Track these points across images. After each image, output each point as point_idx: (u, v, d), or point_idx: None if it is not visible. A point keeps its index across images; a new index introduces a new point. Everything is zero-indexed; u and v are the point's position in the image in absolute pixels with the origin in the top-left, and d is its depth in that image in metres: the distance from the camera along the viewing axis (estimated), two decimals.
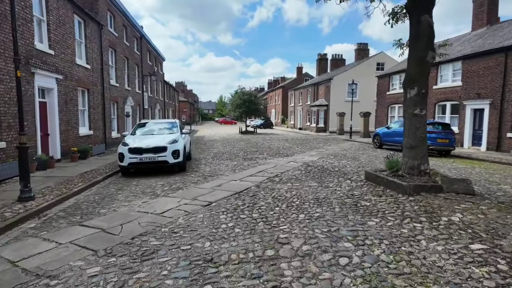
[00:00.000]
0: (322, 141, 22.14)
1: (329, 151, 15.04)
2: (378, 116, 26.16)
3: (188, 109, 79.02)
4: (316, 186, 6.99)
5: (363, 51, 39.93)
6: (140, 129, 10.66)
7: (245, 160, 11.84)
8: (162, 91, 35.53)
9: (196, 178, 8.47)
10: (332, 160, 11.66)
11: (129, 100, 20.60)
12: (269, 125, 51.43)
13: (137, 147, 8.91)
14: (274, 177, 8.16)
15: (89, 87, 14.30)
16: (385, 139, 16.81)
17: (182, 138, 10.22)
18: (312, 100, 39.31)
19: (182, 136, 10.29)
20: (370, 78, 33.84)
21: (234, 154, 14.17)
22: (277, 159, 12.15)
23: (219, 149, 16.48)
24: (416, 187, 5.68)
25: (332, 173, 8.64)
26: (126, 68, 20.88)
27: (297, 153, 14.17)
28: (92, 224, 4.78)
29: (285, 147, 17.25)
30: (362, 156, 13.22)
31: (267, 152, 14.84)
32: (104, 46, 16.28)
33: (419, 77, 6.14)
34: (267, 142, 21.46)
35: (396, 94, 23.54)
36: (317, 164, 10.42)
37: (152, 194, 6.69)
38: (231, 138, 26.21)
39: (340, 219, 4.68)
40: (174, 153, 9.15)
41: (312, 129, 37.27)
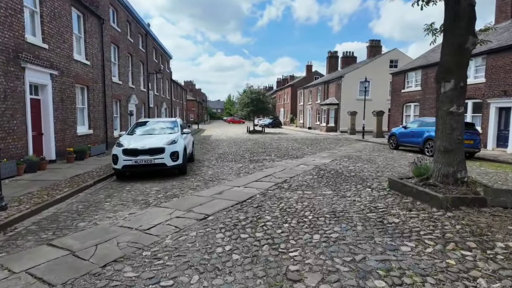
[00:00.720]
0: (333, 141, 21.09)
1: (342, 153, 14.03)
2: (392, 115, 24.93)
3: (196, 108, 78.60)
4: (331, 195, 6.05)
5: (375, 48, 38.54)
6: (138, 128, 9.88)
7: (251, 162, 10.95)
8: (169, 89, 34.94)
9: (196, 183, 7.62)
10: (347, 163, 10.67)
11: (133, 98, 19.95)
12: (277, 124, 50.44)
13: (132, 148, 8.11)
14: (282, 183, 7.25)
15: (89, 84, 13.63)
16: (402, 140, 15.69)
17: (183, 138, 9.40)
18: (322, 99, 38.17)
19: (182, 136, 9.47)
20: (383, 76, 32.56)
21: (240, 155, 13.30)
22: (286, 161, 11.23)
23: (224, 150, 15.65)
24: (454, 200, 4.69)
25: (348, 179, 7.67)
26: (130, 65, 20.24)
27: (307, 155, 13.21)
28: (62, 243, 3.96)
29: (294, 148, 16.29)
30: (378, 158, 12.17)
31: (275, 153, 13.92)
32: (106, 42, 15.61)
33: (457, 68, 5.15)
34: (275, 142, 20.53)
35: (412, 92, 22.30)
36: (330, 168, 9.45)
37: (143, 203, 5.86)
38: (238, 137, 25.37)
39: (365, 242, 3.75)
40: (172, 155, 8.33)
41: (322, 129, 36.15)
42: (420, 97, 21.36)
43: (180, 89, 46.34)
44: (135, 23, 21.04)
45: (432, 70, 20.24)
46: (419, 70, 21.74)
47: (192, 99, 70.34)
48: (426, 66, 20.90)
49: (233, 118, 76.53)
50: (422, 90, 21.13)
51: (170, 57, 35.47)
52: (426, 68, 20.91)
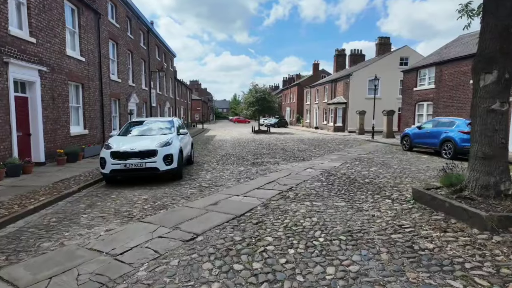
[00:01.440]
0: (341, 142, 20.12)
1: (352, 154, 13.08)
2: (403, 115, 23.83)
3: (202, 107, 78.04)
4: (345, 208, 5.16)
5: (384, 46, 37.36)
6: (130, 128, 9.10)
7: (254, 166, 10.10)
8: (172, 88, 34.30)
9: (191, 190, 6.80)
10: (359, 166, 9.74)
11: (133, 97, 19.25)
12: (283, 124, 49.50)
13: (121, 151, 7.33)
14: (287, 191, 6.38)
15: (84, 82, 12.92)
16: (416, 141, 14.67)
17: (179, 139, 8.59)
18: (329, 98, 37.12)
19: (178, 137, 8.66)
20: (393, 74, 31.42)
21: (243, 157, 12.46)
22: (292, 164, 10.35)
23: (227, 151, 14.82)
24: (502, 219, 3.76)
25: (363, 187, 6.76)
26: (131, 63, 19.55)
27: (315, 157, 12.30)
28: (11, 274, 3.17)
29: (300, 149, 15.39)
30: (392, 161, 11.21)
31: (280, 155, 13.04)
32: (103, 38, 14.91)
33: (501, 56, 4.21)
34: (280, 142, 19.64)
35: (425, 91, 21.19)
36: (341, 173, 8.54)
37: (125, 216, 5.05)
38: (242, 138, 24.54)
39: (394, 279, 2.87)
40: (166, 158, 7.52)
41: (329, 129, 35.12)
42: (434, 95, 20.25)
43: (185, 88, 45.72)
44: (135, 19, 20.35)
45: (447, 67, 19.13)
46: (432, 67, 20.62)
47: (197, 98, 69.79)
48: (440, 63, 19.79)
49: (239, 118, 75.80)
50: (436, 88, 20.02)
51: (174, 55, 34.81)
52: (440, 65, 19.80)
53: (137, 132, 8.87)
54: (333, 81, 36.81)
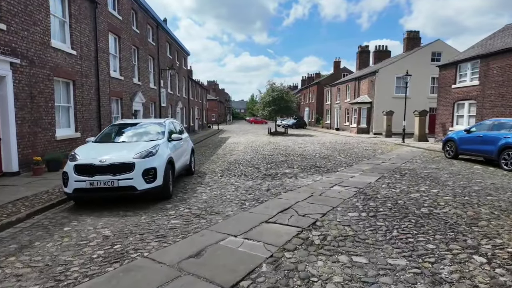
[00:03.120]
0: (369, 147, 17.73)
1: (387, 164, 10.81)
2: (439, 115, 21.06)
3: (218, 108, 76.87)
4: (409, 274, 3.07)
5: (413, 41, 34.34)
6: (111, 133, 7.33)
7: (266, 179, 8.10)
8: (186, 88, 32.87)
9: (174, 220, 4.89)
10: (402, 183, 7.53)
11: (139, 97, 17.73)
12: (302, 125, 47.18)
13: (87, 164, 5.53)
14: (309, 230, 4.32)
15: (75, 79, 11.39)
16: (463, 147, 12.17)
17: (169, 147, 6.74)
18: (352, 97, 34.50)
19: (169, 145, 6.81)
20: (423, 71, 28.54)
21: (254, 166, 10.49)
22: (314, 177, 8.28)
23: (237, 157, 12.90)
24: None
25: (424, 223, 4.59)
26: (136, 60, 18.04)
27: (341, 167, 10.14)
28: None
29: (322, 156, 13.23)
30: (441, 174, 8.89)
31: (299, 163, 10.96)
32: (102, 30, 13.39)
33: None
34: (299, 146, 17.51)
35: (466, 88, 18.41)
36: (382, 194, 6.37)
37: (52, 278, 3.20)
38: (258, 140, 22.58)
39: None
40: (146, 173, 5.67)
41: (352, 130, 32.54)
42: (478, 93, 17.47)
43: (200, 88, 44.35)
44: (142, 12, 18.84)
45: (495, 60, 16.34)
46: (476, 60, 17.83)
47: (213, 99, 68.57)
48: (486, 56, 16.99)
49: (255, 118, 74.00)
50: (481, 84, 17.24)
51: (187, 54, 33.38)
52: (486, 58, 17.01)
53: (118, 137, 7.08)
54: (356, 79, 34.16)
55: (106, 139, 6.96)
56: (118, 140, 6.89)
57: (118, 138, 7.01)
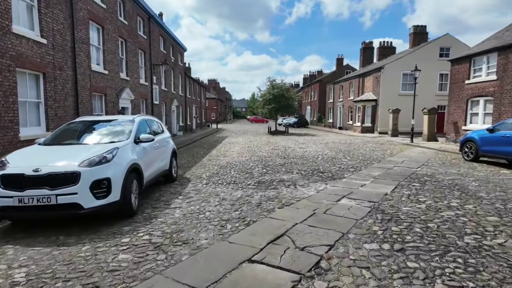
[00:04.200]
0: (376, 147, 16.31)
1: (400, 167, 9.42)
2: (450, 113, 19.59)
3: (219, 106, 75.48)
4: None
5: (419, 36, 32.84)
6: (65, 133, 5.96)
7: (259, 188, 6.74)
8: (182, 85, 31.49)
9: (120, 258, 3.52)
10: (427, 195, 6.13)
11: (127, 93, 16.39)
12: (303, 124, 45.77)
13: (16, 174, 4.19)
14: (311, 275, 2.95)
15: (46, 71, 10.05)
16: (485, 148, 10.75)
17: (135, 151, 5.38)
18: (356, 95, 33.04)
19: (135, 148, 5.45)
20: (431, 67, 27.04)
21: (247, 170, 9.12)
22: (316, 186, 6.90)
23: (231, 159, 11.53)
24: None
25: (476, 263, 3.21)
26: (124, 53, 16.69)
27: (348, 172, 8.76)
28: None
29: (326, 158, 11.84)
30: (467, 181, 7.50)
31: (299, 167, 9.59)
32: (80, 18, 12.04)
33: None
34: (300, 147, 16.12)
35: (482, 84, 16.93)
36: (403, 210, 4.98)
37: None
38: (256, 140, 21.20)
39: None
40: (97, 186, 4.32)
41: (356, 129, 31.10)
42: (495, 89, 16.00)
43: (198, 86, 42.97)
44: (131, 2, 17.47)
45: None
46: (493, 53, 16.35)
47: (213, 97, 67.20)
48: (505, 48, 15.52)
49: (256, 117, 72.66)
50: (499, 79, 15.77)
51: (184, 49, 32.01)
52: (505, 50, 15.53)
53: (71, 138, 5.71)
54: (360, 76, 32.69)
55: (58, 140, 5.59)
56: (71, 142, 5.52)
57: (72, 139, 5.65)
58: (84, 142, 5.47)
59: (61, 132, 5.90)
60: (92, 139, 5.57)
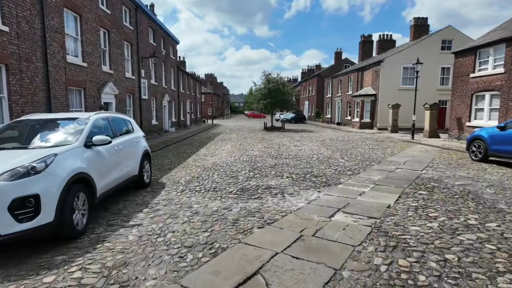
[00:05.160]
0: (375, 144, 15.36)
1: (403, 170, 8.48)
2: (454, 109, 18.62)
3: (216, 102, 74.22)
4: None
5: (421, 28, 31.75)
6: (4, 133, 4.95)
7: (241, 197, 5.78)
8: (175, 79, 30.35)
9: None
10: (437, 208, 5.18)
11: (110, 87, 15.33)
12: (301, 120, 44.77)
13: None
14: None
15: (8, 62, 9.00)
16: (496, 148, 9.81)
17: (84, 157, 4.40)
18: (355, 89, 32.02)
19: (84, 153, 4.46)
20: (432, 60, 26.02)
21: (233, 173, 8.14)
22: (307, 194, 5.96)
23: (219, 158, 10.56)
24: None
25: None
26: (107, 45, 15.59)
27: (344, 175, 7.80)
28: None
29: (321, 157, 10.88)
30: (481, 187, 6.56)
31: (291, 169, 8.62)
32: (52, 5, 10.94)
33: None
34: (295, 145, 15.15)
35: (488, 77, 15.96)
36: (411, 232, 4.02)
37: None
38: (250, 137, 20.22)
39: None
40: (20, 205, 3.34)
41: (355, 125, 30.13)
42: (503, 82, 15.03)
43: (193, 80, 41.77)
44: None
45: None
46: (501, 44, 15.34)
47: (209, 92, 65.92)
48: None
49: (253, 112, 71.44)
50: (507, 72, 14.79)
51: (176, 42, 30.79)
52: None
53: (9, 141, 4.70)
54: (359, 70, 31.63)
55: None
56: (4, 146, 4.51)
57: (8, 142, 4.64)
58: (22, 146, 4.47)
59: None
60: (33, 143, 4.57)
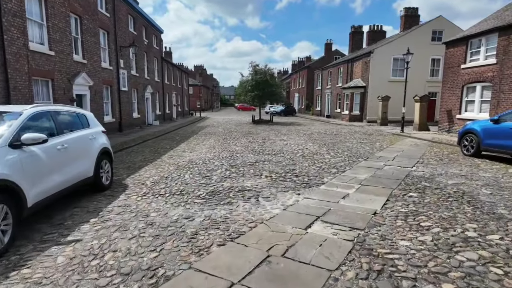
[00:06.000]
0: (363, 138, 14.79)
1: (391, 167, 7.87)
2: (444, 101, 18.17)
3: (205, 94, 72.89)
4: None
5: (412, 18, 31.19)
6: None
7: (209, 202, 5.06)
8: (159, 70, 29.15)
9: None
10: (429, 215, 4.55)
11: (83, 78, 14.28)
12: (291, 112, 44.11)
13: None
14: None
15: None
16: (489, 142, 9.29)
17: (11, 160, 3.58)
18: (344, 81, 31.42)
19: (7, 156, 3.64)
20: (422, 52, 25.52)
21: (207, 172, 7.39)
22: (285, 198, 5.27)
23: (197, 155, 9.79)
24: None
25: None
26: (79, 32, 14.47)
27: (329, 173, 7.15)
28: None
29: (306, 154, 10.21)
30: (476, 187, 5.99)
31: (272, 167, 7.92)
32: None
33: None
34: (281, 139, 14.45)
35: (479, 68, 15.47)
36: (400, 248, 3.37)
37: None
38: (236, 130, 19.44)
39: None
40: None
41: (344, 117, 29.62)
42: (494, 73, 14.56)
43: (180, 71, 40.49)
44: None
45: None
46: (493, 33, 14.82)
47: (198, 84, 64.53)
48: (507, 28, 14.00)
49: (243, 105, 70.44)
50: (499, 63, 14.32)
51: (160, 31, 29.52)
52: (507, 30, 14.02)
53: None
54: (349, 61, 30.98)
55: None
56: None
57: None
58: None
59: None
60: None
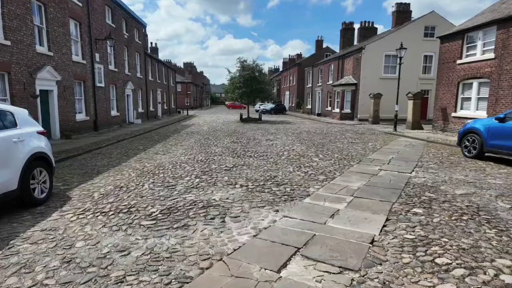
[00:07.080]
0: (355, 137, 13.81)
1: (388, 172, 6.86)
2: (439, 98, 17.35)
3: (194, 91, 71.29)
4: None
5: (403, 15, 30.48)
6: None
7: (160, 224, 3.93)
8: (141, 66, 27.69)
9: None
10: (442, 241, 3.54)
11: (48, 72, 12.90)
12: (281, 110, 43.07)
13: None
14: None
15: None
16: (494, 143, 8.37)
17: None
18: (335, 79, 30.50)
19: None
20: (415, 48, 24.70)
21: (171, 182, 6.24)
22: (259, 217, 4.20)
23: (168, 158, 8.60)
24: None
25: None
26: (43, 21, 13.06)
27: (316, 181, 6.08)
28: None
29: (292, 156, 9.14)
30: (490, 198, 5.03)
31: (250, 173, 6.81)
32: None
33: None
34: (267, 139, 13.36)
35: (477, 63, 14.65)
36: None
37: None
38: (222, 129, 18.26)
39: None
40: None
41: (335, 116, 28.70)
42: (492, 69, 13.75)
43: (165, 67, 38.98)
44: None
45: None
46: (492, 27, 13.99)
47: (186, 81, 62.94)
48: (506, 20, 13.17)
49: (234, 103, 69.12)
50: (497, 58, 13.50)
51: (143, 25, 28.06)
52: (506, 23, 13.19)
53: None
54: (340, 58, 30.06)
55: None
56: None
57: None
58: None
59: None
60: None
